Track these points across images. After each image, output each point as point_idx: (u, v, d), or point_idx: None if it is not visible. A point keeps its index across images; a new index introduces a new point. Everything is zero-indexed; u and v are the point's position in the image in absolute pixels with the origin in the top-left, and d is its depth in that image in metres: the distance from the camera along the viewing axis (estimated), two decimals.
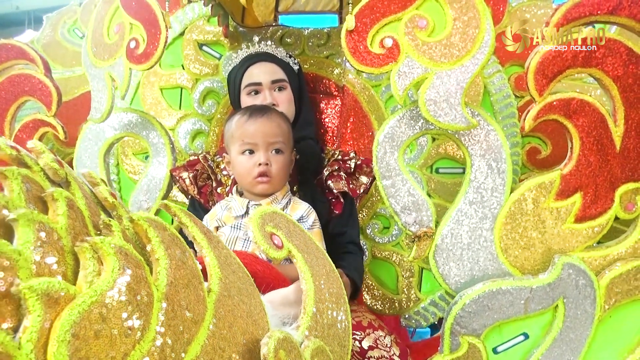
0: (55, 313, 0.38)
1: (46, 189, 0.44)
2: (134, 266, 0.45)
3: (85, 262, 0.42)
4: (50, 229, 0.42)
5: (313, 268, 0.82)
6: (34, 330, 0.37)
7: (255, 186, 1.22)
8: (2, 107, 1.53)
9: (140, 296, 0.44)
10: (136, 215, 0.49)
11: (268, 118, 1.23)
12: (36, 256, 0.39)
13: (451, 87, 1.12)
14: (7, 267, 0.38)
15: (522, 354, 1.24)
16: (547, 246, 1.21)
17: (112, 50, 1.29)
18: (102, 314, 0.40)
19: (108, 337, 0.40)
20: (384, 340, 1.10)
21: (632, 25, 1.13)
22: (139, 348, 0.43)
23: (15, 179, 0.42)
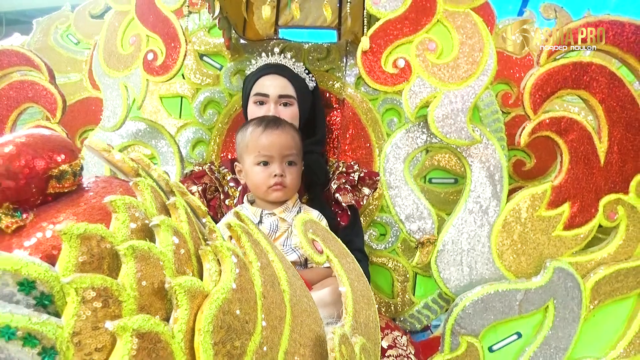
0: (196, 307, 0.43)
1: (160, 198, 0.49)
2: (242, 268, 0.50)
3: (208, 264, 0.47)
4: (181, 234, 0.46)
5: (348, 272, 0.89)
6: (183, 322, 0.41)
7: (269, 194, 1.26)
8: (3, 113, 1.52)
9: (249, 294, 0.49)
10: (232, 221, 0.54)
11: (282, 131, 1.29)
12: (171, 258, 0.44)
13: (457, 105, 1.21)
14: (158, 267, 0.42)
15: (515, 352, 1.34)
16: (539, 252, 1.32)
17: (128, 61, 1.32)
18: (230, 309, 0.45)
19: (235, 329, 0.45)
20: (401, 340, 1.17)
21: (615, 51, 1.26)
22: (253, 340, 0.48)
23: (146, 189, 0.47)
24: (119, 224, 0.42)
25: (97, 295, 0.38)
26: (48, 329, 0.37)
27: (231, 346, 0.44)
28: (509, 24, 1.79)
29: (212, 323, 0.42)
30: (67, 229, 0.38)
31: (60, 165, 0.43)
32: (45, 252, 0.40)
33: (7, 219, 0.40)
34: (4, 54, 1.51)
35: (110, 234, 0.41)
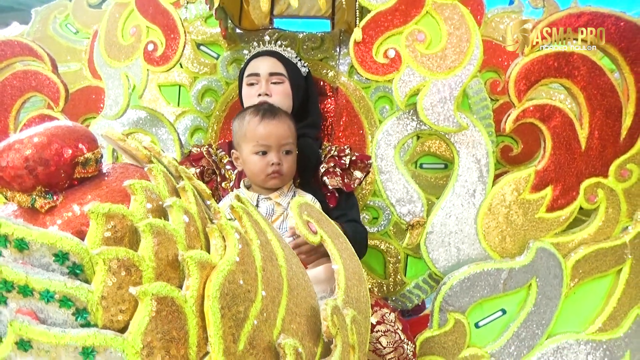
0: (205, 276, 0.49)
1: (171, 182, 0.55)
2: (244, 244, 0.56)
3: (215, 240, 0.53)
4: (190, 213, 0.53)
5: (340, 251, 0.95)
6: (194, 289, 0.48)
7: (267, 182, 1.32)
8: (8, 102, 1.56)
9: (250, 267, 0.56)
10: (234, 203, 0.60)
11: (279, 121, 1.34)
12: (182, 234, 0.50)
13: (445, 94, 1.27)
14: (172, 241, 0.48)
15: (500, 328, 1.42)
16: (523, 233, 1.39)
17: (129, 51, 1.36)
18: (234, 278, 0.51)
19: (238, 296, 0.52)
20: (389, 317, 1.25)
21: (596, 42, 1.32)
22: (254, 306, 0.54)
23: (159, 174, 0.53)
24: (137, 204, 0.48)
25: (121, 265, 0.45)
26: (80, 293, 0.43)
27: (235, 310, 0.51)
28: (497, 13, 1.84)
29: (219, 290, 0.49)
30: (94, 209, 0.44)
31: (85, 153, 0.48)
32: (75, 228, 0.46)
33: (40, 200, 0.46)
34: (7, 45, 1.55)
35: (130, 213, 0.47)
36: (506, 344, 1.40)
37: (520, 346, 1.41)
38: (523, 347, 1.41)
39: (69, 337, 0.42)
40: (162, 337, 0.45)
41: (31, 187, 0.46)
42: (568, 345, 1.40)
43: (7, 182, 0.46)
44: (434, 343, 1.41)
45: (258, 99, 1.47)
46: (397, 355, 1.19)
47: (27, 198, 0.46)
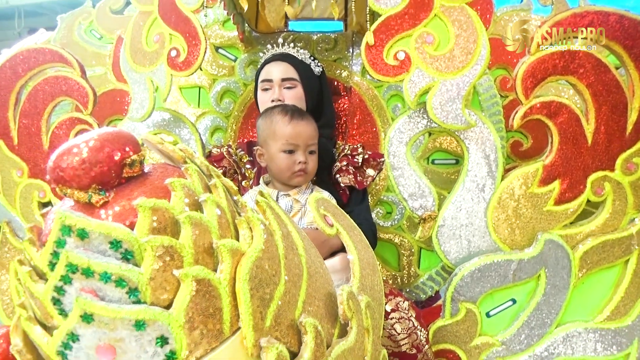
0: (236, 262, 0.56)
1: (204, 180, 0.62)
2: (268, 234, 0.63)
3: (243, 230, 0.61)
4: (221, 207, 0.60)
5: (355, 242, 1.02)
6: (227, 272, 0.55)
7: (292, 179, 1.39)
8: (40, 107, 1.66)
9: (274, 254, 0.63)
10: (260, 199, 0.67)
11: (307, 122, 1.41)
12: (216, 225, 0.58)
13: (454, 93, 1.32)
14: (207, 232, 0.56)
15: (510, 317, 1.47)
16: (532, 225, 1.44)
17: (153, 57, 1.45)
18: (261, 264, 0.58)
19: (265, 279, 0.59)
20: (403, 305, 1.31)
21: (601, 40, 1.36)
22: (279, 289, 0.61)
23: (194, 173, 0.60)
24: (177, 199, 0.56)
25: (165, 251, 0.52)
26: (132, 275, 0.50)
27: (262, 292, 0.58)
28: (506, 11, 1.88)
29: (248, 274, 0.56)
30: (142, 203, 0.52)
31: (131, 156, 0.56)
32: (125, 220, 0.53)
33: (96, 196, 0.54)
34: (39, 52, 1.64)
35: (172, 207, 0.54)
36: (517, 332, 1.46)
37: (531, 334, 1.46)
38: (533, 335, 1.46)
39: (124, 312, 0.49)
40: (200, 313, 0.53)
41: (87, 185, 0.53)
42: (577, 333, 1.45)
43: (67, 181, 0.53)
44: (447, 332, 1.48)
45: (272, 104, 1.54)
46: (410, 341, 1.26)
47: (85, 195, 0.54)
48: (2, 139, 1.68)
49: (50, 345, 0.51)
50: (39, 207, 1.70)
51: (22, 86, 1.67)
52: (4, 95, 1.67)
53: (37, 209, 1.69)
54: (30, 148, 1.66)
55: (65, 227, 0.50)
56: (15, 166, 1.68)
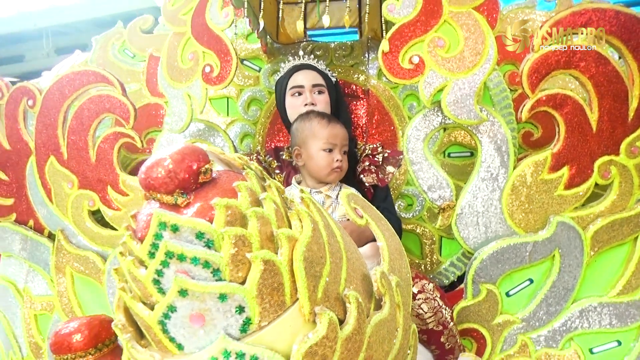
0: (292, 246, 0.70)
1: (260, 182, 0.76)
2: (314, 224, 0.76)
3: (294, 221, 0.74)
4: (277, 203, 0.73)
5: (383, 231, 1.15)
6: (285, 255, 0.68)
7: (330, 176, 1.53)
8: (86, 123, 1.82)
9: (320, 240, 0.76)
10: (304, 195, 0.81)
11: (341, 125, 1.57)
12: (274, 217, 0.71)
13: (465, 91, 1.44)
14: (268, 223, 0.70)
15: (528, 295, 1.58)
16: (544, 209, 1.55)
17: (188, 74, 1.59)
18: (311, 248, 0.72)
19: (314, 260, 0.72)
20: (428, 286, 1.44)
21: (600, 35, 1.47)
22: (325, 268, 0.75)
23: (253, 176, 0.74)
24: (243, 198, 0.69)
25: (238, 239, 0.66)
26: (215, 258, 0.64)
27: (314, 270, 0.71)
28: (512, 9, 1.99)
29: (302, 255, 0.69)
30: (218, 202, 0.66)
31: (204, 165, 0.70)
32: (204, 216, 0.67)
33: (180, 199, 0.68)
34: (83, 74, 1.80)
35: (240, 204, 0.68)
36: (535, 309, 1.57)
37: (549, 311, 1.57)
38: (551, 311, 1.57)
39: (211, 287, 0.63)
40: (268, 287, 0.67)
41: (172, 190, 0.67)
42: (592, 307, 1.55)
43: (157, 187, 0.67)
44: (470, 312, 1.59)
45: (304, 108, 1.67)
46: (436, 319, 1.38)
47: (171, 198, 0.68)
48: (54, 155, 1.85)
49: (153, 316, 0.66)
50: (89, 215, 1.86)
51: (69, 106, 1.84)
52: (53, 115, 1.84)
53: (87, 216, 1.85)
54: (79, 162, 1.82)
55: (162, 223, 0.64)
56: (66, 179, 1.84)
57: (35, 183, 1.88)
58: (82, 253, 1.83)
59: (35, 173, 1.88)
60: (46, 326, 1.89)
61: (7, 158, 1.93)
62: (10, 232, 1.94)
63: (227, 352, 0.64)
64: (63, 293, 1.86)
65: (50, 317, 1.88)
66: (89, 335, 1.07)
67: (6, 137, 1.92)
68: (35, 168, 1.87)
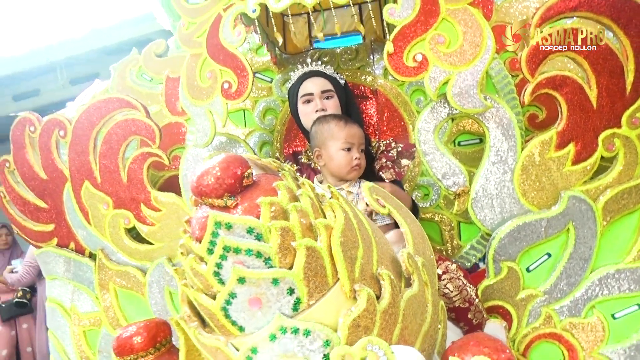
0: (329, 233, 0.80)
1: (294, 181, 0.87)
2: (345, 213, 0.87)
3: (328, 212, 0.84)
4: (311, 197, 0.84)
5: (405, 218, 1.25)
6: (324, 241, 0.79)
7: (350, 173, 1.63)
8: (115, 147, 1.94)
9: (351, 227, 0.86)
10: (333, 189, 0.91)
11: (357, 126, 1.67)
12: (311, 210, 0.82)
13: (469, 82, 1.54)
14: (307, 215, 0.80)
15: (548, 269, 1.66)
16: (554, 186, 1.63)
17: (208, 91, 1.71)
18: (345, 233, 0.82)
19: (349, 244, 0.82)
20: (451, 267, 1.53)
21: (591, 16, 1.55)
22: (359, 251, 0.85)
23: (289, 176, 0.84)
24: (283, 195, 0.80)
25: (283, 230, 0.76)
26: (266, 249, 0.75)
27: (349, 253, 0.82)
28: None
29: (338, 240, 0.79)
30: (263, 200, 0.76)
31: (247, 170, 0.80)
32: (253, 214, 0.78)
33: (229, 201, 0.78)
34: (108, 102, 1.93)
35: (281, 201, 0.78)
36: (556, 281, 1.65)
37: (569, 282, 1.65)
38: (571, 282, 1.64)
39: (265, 274, 0.74)
40: (312, 270, 0.77)
41: (222, 194, 0.78)
42: (610, 275, 1.63)
43: (208, 193, 0.78)
44: (493, 290, 1.68)
45: (316, 114, 1.78)
46: (462, 297, 1.47)
47: (221, 201, 0.78)
48: (88, 180, 1.97)
49: (216, 304, 0.76)
50: (125, 233, 1.98)
51: (98, 132, 1.96)
52: (84, 143, 1.96)
53: (124, 234, 1.97)
54: (111, 184, 1.94)
55: (217, 222, 0.75)
56: (101, 201, 1.96)
57: (73, 207, 2.00)
58: (123, 269, 1.95)
59: (72, 198, 2.00)
60: (95, 340, 2.01)
61: (45, 187, 2.05)
62: (53, 255, 2.07)
63: (283, 328, 0.74)
64: (108, 308, 1.97)
65: (99, 332, 2.00)
66: (148, 336, 1.18)
67: (42, 168, 2.04)
68: (72, 193, 2.00)
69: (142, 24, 4.24)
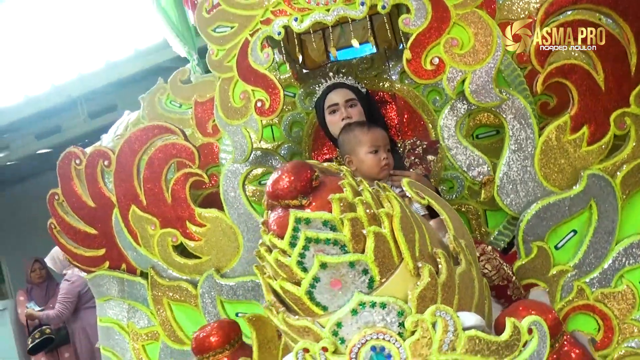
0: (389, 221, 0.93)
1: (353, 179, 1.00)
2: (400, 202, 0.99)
3: (387, 203, 0.97)
4: (370, 191, 0.97)
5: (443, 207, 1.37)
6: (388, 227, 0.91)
7: (381, 173, 1.76)
8: (158, 171, 2.08)
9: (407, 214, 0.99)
10: (383, 184, 1.04)
11: (379, 129, 1.81)
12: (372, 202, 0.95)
13: (484, 79, 1.67)
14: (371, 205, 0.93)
15: (575, 245, 1.77)
16: (573, 166, 1.74)
17: (242, 111, 1.85)
18: (404, 220, 0.95)
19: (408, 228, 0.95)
20: (487, 249, 1.65)
21: (591, 7, 1.68)
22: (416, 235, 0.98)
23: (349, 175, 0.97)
24: (348, 191, 0.93)
25: (353, 221, 0.89)
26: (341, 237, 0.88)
27: (409, 236, 0.94)
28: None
29: (399, 226, 0.92)
30: (333, 197, 0.89)
31: (315, 173, 0.93)
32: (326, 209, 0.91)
33: (303, 201, 0.91)
34: (148, 129, 2.07)
35: (348, 196, 0.92)
36: (584, 256, 1.75)
37: (596, 255, 1.75)
38: (598, 255, 1.75)
39: (343, 258, 0.86)
40: (380, 252, 0.90)
41: (296, 195, 0.91)
42: (635, 244, 1.74)
43: (284, 195, 0.91)
44: (526, 269, 1.78)
45: (342, 122, 1.92)
46: (500, 275, 1.59)
47: (297, 201, 0.91)
48: (134, 204, 2.11)
49: (301, 289, 0.89)
50: (173, 250, 2.11)
51: (140, 159, 2.10)
52: (128, 170, 2.10)
53: (172, 251, 2.10)
54: (157, 205, 2.08)
55: (297, 219, 0.88)
56: (148, 222, 2.09)
57: (122, 231, 2.14)
58: (174, 283, 2.08)
59: (120, 222, 2.13)
60: (155, 353, 2.13)
61: (94, 214, 2.19)
62: (107, 278, 2.20)
63: (362, 303, 0.87)
64: (165, 321, 2.10)
65: (158, 345, 2.13)
66: (223, 334, 1.31)
67: (90, 197, 2.18)
68: (120, 218, 2.13)
69: (154, 53, 4.42)
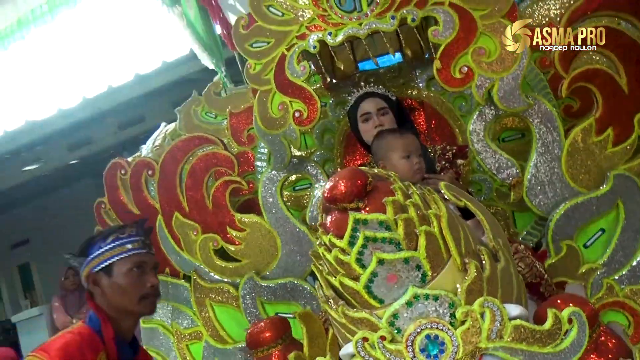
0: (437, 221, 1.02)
1: None
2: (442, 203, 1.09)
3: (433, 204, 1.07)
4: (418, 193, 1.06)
5: (479, 208, 1.45)
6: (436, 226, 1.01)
7: (414, 177, 1.84)
8: (199, 179, 2.20)
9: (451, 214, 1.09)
10: (427, 187, 1.14)
11: (411, 135, 1.90)
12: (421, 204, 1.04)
13: (511, 85, 1.75)
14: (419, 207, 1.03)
15: (603, 243, 1.85)
16: (600, 167, 1.82)
17: (281, 121, 1.95)
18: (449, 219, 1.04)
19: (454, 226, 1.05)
20: (520, 247, 1.72)
21: (611, 13, 1.76)
22: (460, 233, 1.07)
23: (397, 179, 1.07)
24: (399, 194, 1.03)
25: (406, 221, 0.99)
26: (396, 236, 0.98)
27: (456, 235, 1.04)
28: (528, 4, 2.26)
29: (447, 225, 1.02)
30: (388, 199, 0.99)
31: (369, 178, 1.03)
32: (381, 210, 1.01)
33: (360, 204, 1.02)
34: (189, 140, 2.20)
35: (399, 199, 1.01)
36: (612, 254, 1.82)
37: (624, 253, 1.82)
38: (627, 253, 1.82)
39: (398, 255, 0.96)
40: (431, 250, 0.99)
41: (352, 199, 1.01)
42: None
43: (341, 199, 1.02)
44: (556, 268, 1.86)
45: (375, 130, 2.02)
46: (532, 273, 1.67)
47: (354, 204, 1.02)
48: (177, 210, 2.22)
49: (360, 284, 0.99)
50: (214, 254, 2.22)
51: (182, 168, 2.22)
52: (171, 179, 2.23)
53: (213, 255, 2.21)
54: (199, 212, 2.20)
55: (356, 220, 0.98)
56: (190, 228, 2.21)
57: (166, 236, 2.26)
58: (216, 286, 2.19)
59: (164, 228, 2.25)
60: (199, 352, 2.24)
61: None
62: None
63: (417, 295, 0.97)
64: (207, 322, 2.21)
65: (201, 344, 2.24)
66: (275, 330, 1.42)
67: (135, 205, 2.31)
68: (164, 224, 2.25)
69: (181, 65, 4.56)
